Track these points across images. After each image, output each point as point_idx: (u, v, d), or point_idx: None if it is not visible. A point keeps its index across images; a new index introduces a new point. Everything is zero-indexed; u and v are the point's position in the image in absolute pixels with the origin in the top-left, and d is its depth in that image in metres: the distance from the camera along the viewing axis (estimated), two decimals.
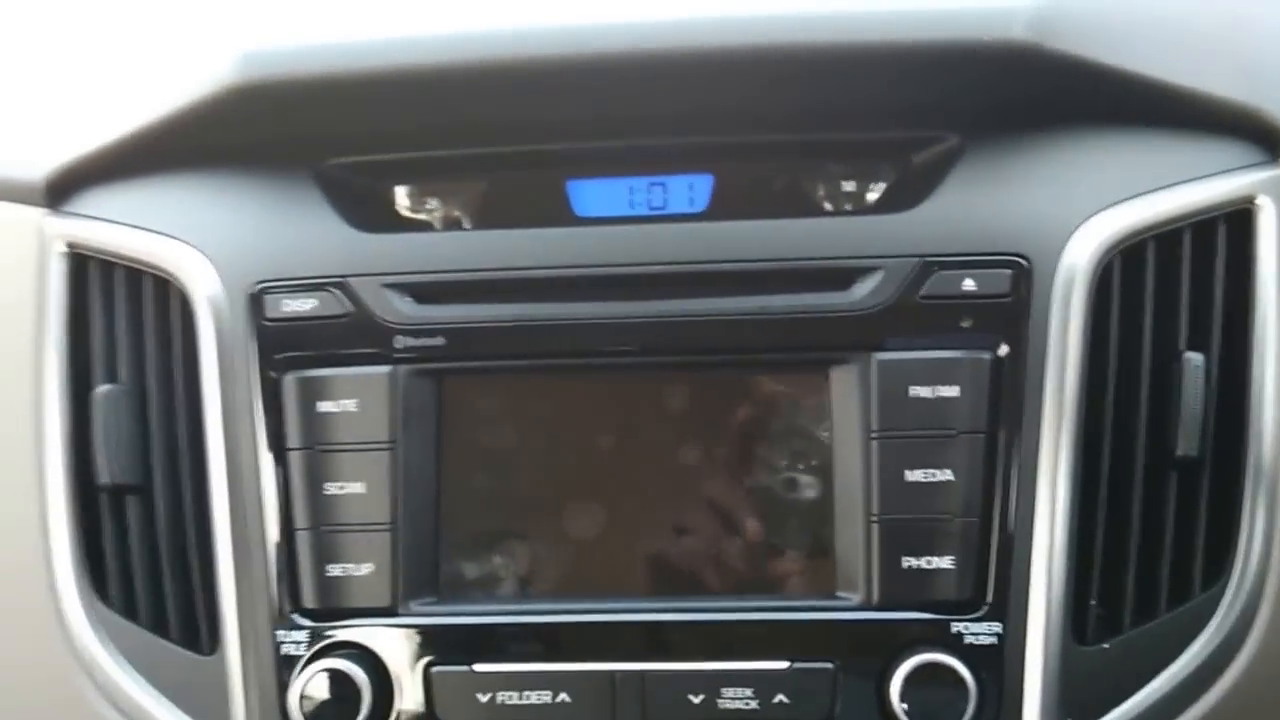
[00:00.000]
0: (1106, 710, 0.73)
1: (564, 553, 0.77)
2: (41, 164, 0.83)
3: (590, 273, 0.77)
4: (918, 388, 0.74)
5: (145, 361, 0.81)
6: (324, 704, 0.74)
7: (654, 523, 0.77)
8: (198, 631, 0.79)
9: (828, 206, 0.81)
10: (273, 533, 0.77)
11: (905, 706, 0.71)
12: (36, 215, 0.83)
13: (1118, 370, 0.76)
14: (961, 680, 0.71)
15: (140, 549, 0.80)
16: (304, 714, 0.74)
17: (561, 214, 0.81)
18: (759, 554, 0.76)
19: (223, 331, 0.78)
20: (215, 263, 0.79)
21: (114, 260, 0.82)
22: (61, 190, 0.84)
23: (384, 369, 0.76)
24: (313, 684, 0.74)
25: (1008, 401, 0.74)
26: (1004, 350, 0.74)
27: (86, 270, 0.82)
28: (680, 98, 0.78)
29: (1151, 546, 0.75)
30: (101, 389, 0.80)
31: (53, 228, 0.82)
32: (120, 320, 0.81)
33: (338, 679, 0.74)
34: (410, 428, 0.76)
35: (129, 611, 0.79)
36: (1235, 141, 0.78)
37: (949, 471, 0.74)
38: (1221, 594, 0.75)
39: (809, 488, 0.76)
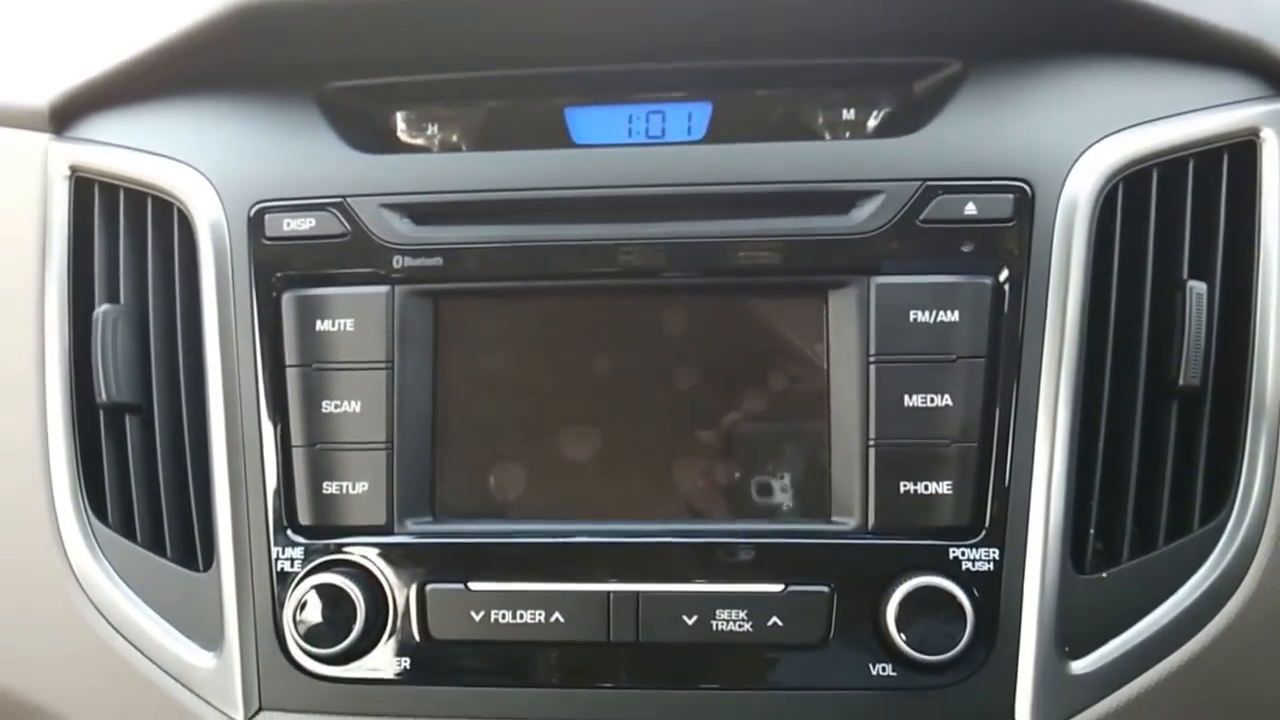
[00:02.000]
0: (1104, 641, 0.73)
1: (559, 475, 0.77)
2: (46, 90, 0.84)
3: (588, 194, 0.76)
4: (917, 312, 0.74)
5: (146, 282, 0.81)
6: (318, 619, 0.74)
7: (650, 446, 0.76)
8: (194, 549, 0.79)
9: (828, 135, 0.80)
10: (270, 450, 0.77)
11: (901, 631, 0.71)
12: (41, 141, 0.84)
13: (1119, 299, 0.75)
14: (958, 605, 0.71)
15: (138, 467, 0.80)
16: (298, 629, 0.74)
17: (560, 141, 0.81)
18: (754, 478, 0.76)
19: (222, 251, 0.78)
20: (216, 184, 0.79)
21: (116, 183, 0.82)
22: (66, 116, 0.84)
23: (381, 289, 0.76)
24: (307, 599, 0.74)
25: (1008, 327, 0.74)
26: (1005, 276, 0.74)
27: (90, 194, 0.83)
28: (680, 23, 0.78)
29: (1151, 477, 0.75)
30: (102, 308, 0.80)
31: (57, 153, 0.83)
32: (122, 242, 0.82)
33: (332, 595, 0.74)
34: (407, 348, 0.76)
35: (126, 530, 0.80)
36: (1240, 75, 0.77)
37: (948, 397, 0.73)
38: (1222, 527, 0.74)
39: (806, 412, 0.75)
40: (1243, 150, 0.76)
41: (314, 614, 0.74)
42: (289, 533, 0.76)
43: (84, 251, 0.82)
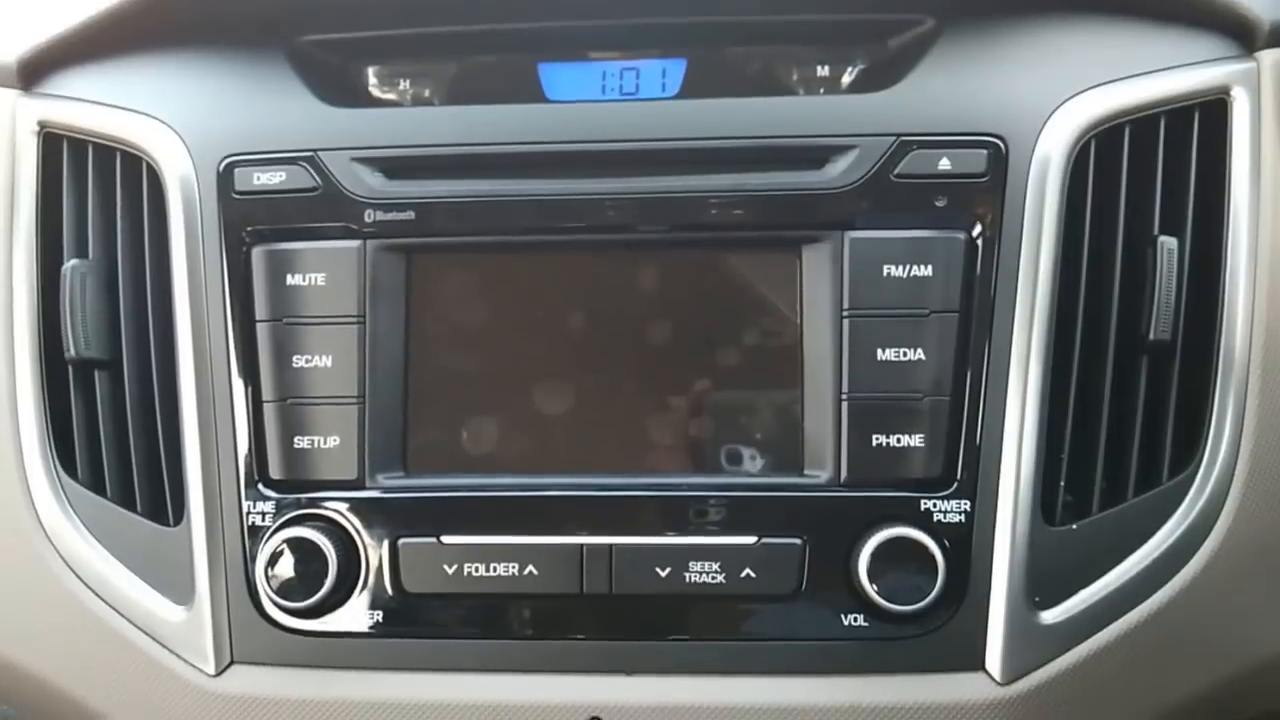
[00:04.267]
0: (1074, 591, 0.73)
1: (532, 429, 0.76)
2: (13, 47, 0.83)
3: (561, 149, 0.76)
4: (891, 267, 0.74)
5: (115, 237, 0.80)
6: (290, 573, 0.74)
7: (623, 400, 0.76)
8: (164, 504, 0.78)
9: (802, 91, 0.80)
10: (240, 405, 0.76)
11: (872, 582, 0.71)
12: (10, 97, 0.83)
13: (1091, 254, 0.75)
14: (929, 556, 0.71)
15: (108, 423, 0.79)
16: (269, 583, 0.74)
17: (533, 97, 0.80)
18: (727, 432, 0.76)
19: (192, 206, 0.78)
20: (185, 138, 0.79)
21: (85, 139, 0.81)
22: (34, 72, 0.83)
23: (352, 244, 0.76)
24: (279, 553, 0.74)
25: (981, 282, 0.74)
26: (978, 231, 0.74)
27: (59, 149, 0.82)
28: None
29: (1121, 431, 0.75)
30: (70, 264, 0.79)
31: (26, 108, 0.82)
32: (91, 197, 0.81)
33: (304, 548, 0.74)
34: (378, 303, 0.76)
35: (96, 485, 0.79)
36: (1212, 34, 0.78)
37: (920, 351, 0.74)
38: (1191, 480, 0.74)
39: (779, 367, 0.75)
40: (1214, 109, 0.76)
41: (285, 568, 0.74)
42: (260, 487, 0.76)
43: (52, 207, 0.81)
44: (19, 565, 0.79)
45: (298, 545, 0.74)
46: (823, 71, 0.80)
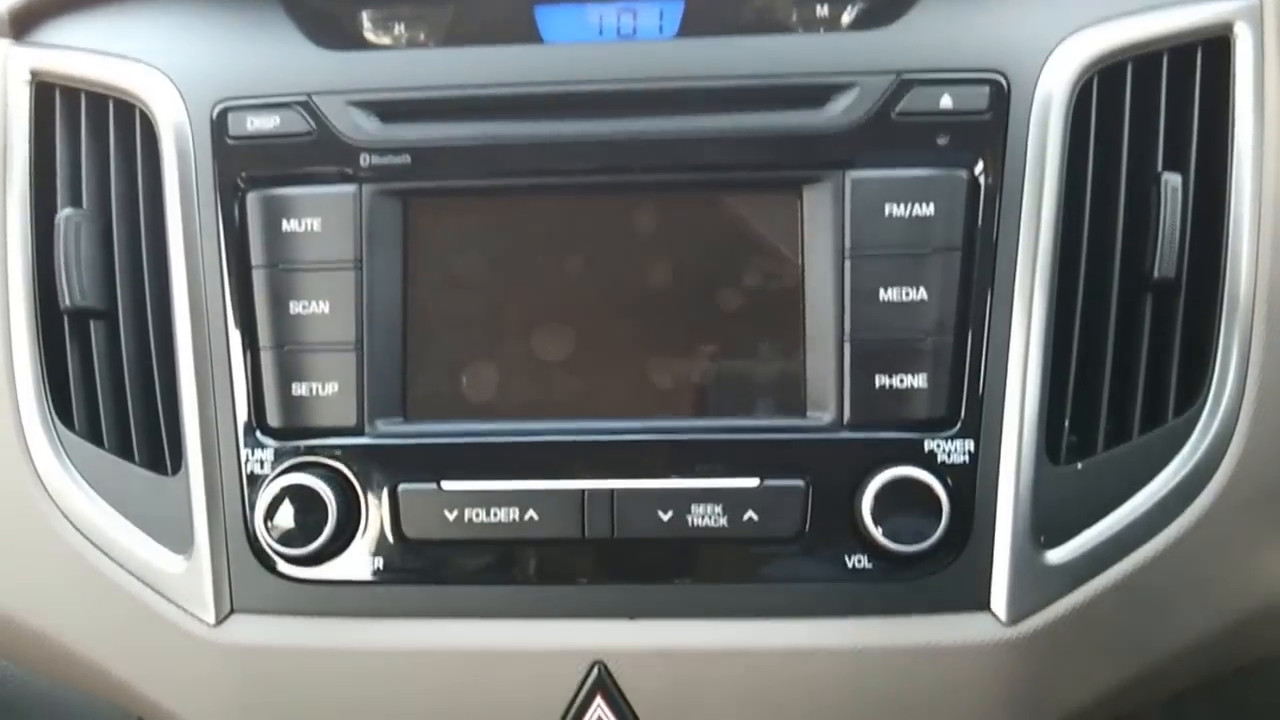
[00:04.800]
0: (1079, 531, 0.73)
1: (532, 375, 0.76)
2: None
3: (558, 90, 0.75)
4: (893, 206, 0.73)
5: (109, 186, 0.79)
6: (289, 521, 0.73)
7: (623, 345, 0.75)
8: (162, 454, 0.78)
9: (801, 30, 0.78)
10: (237, 352, 0.76)
11: (876, 523, 0.71)
12: (1, 46, 0.82)
13: (1094, 192, 0.75)
14: (933, 496, 0.71)
15: (104, 373, 0.79)
16: (269, 531, 0.73)
17: (529, 39, 0.79)
18: (728, 376, 0.75)
19: (185, 152, 0.77)
20: (178, 84, 0.78)
21: (78, 87, 0.80)
22: (25, 21, 0.82)
23: (348, 188, 0.75)
24: (278, 501, 0.73)
25: (984, 220, 0.73)
26: (980, 168, 0.73)
27: (51, 98, 0.81)
28: None
29: (1126, 370, 0.74)
30: (64, 213, 0.78)
31: (17, 58, 0.81)
32: (84, 146, 0.80)
33: (303, 496, 0.73)
34: (375, 248, 0.75)
35: (92, 436, 0.78)
36: None
37: (923, 290, 0.73)
38: (1196, 418, 0.74)
39: (780, 309, 0.75)
40: (1217, 45, 0.75)
41: (285, 515, 0.73)
42: (258, 435, 0.75)
43: (45, 156, 0.80)
44: (15, 517, 0.78)
45: (297, 492, 0.73)
46: (822, 10, 0.79)
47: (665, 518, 0.73)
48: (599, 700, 0.73)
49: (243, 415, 0.75)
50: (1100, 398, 0.74)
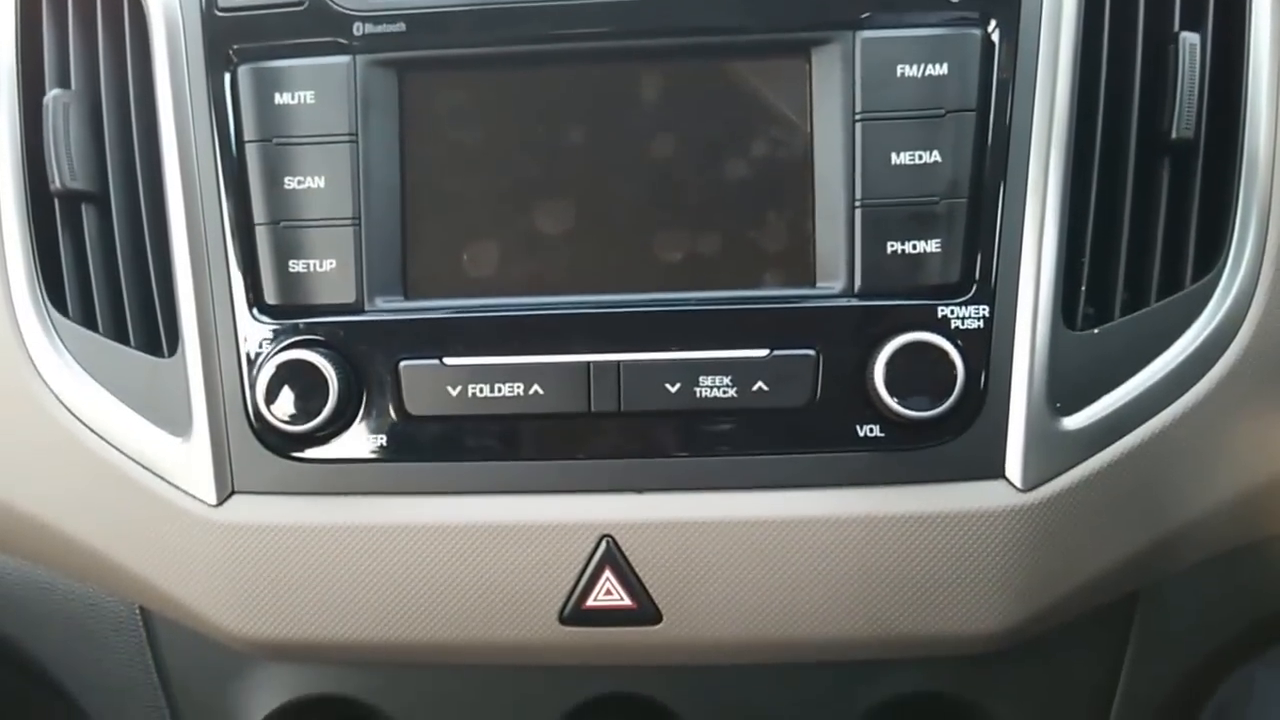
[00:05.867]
0: (1096, 398, 0.71)
1: (535, 249, 0.74)
2: None
3: None
4: (904, 66, 0.70)
5: (97, 65, 0.77)
6: (289, 399, 0.71)
7: (628, 216, 0.73)
8: (158, 335, 0.76)
9: None
10: (232, 229, 0.74)
11: (888, 389, 0.69)
12: None
13: (1111, 51, 0.72)
14: (947, 361, 0.69)
15: (97, 256, 0.77)
16: (268, 409, 0.72)
17: None
18: (736, 246, 0.73)
19: (174, 26, 0.74)
20: None
21: None
22: None
23: (342, 59, 0.73)
24: (277, 379, 0.72)
25: (998, 80, 0.71)
26: (994, 26, 0.71)
27: None
28: None
29: (1143, 234, 0.73)
30: (53, 93, 0.76)
31: None
32: (71, 25, 0.78)
33: (303, 373, 0.71)
34: (371, 121, 0.73)
35: (86, 320, 0.77)
36: None
37: (936, 153, 0.71)
38: (1215, 283, 0.72)
39: (789, 177, 0.72)
40: None
41: (284, 393, 0.72)
42: (255, 313, 0.73)
43: (32, 37, 0.78)
44: (10, 403, 0.77)
45: (296, 369, 0.71)
46: None
47: (673, 390, 0.71)
48: (608, 574, 0.72)
49: (239, 293, 0.74)
50: (1117, 263, 0.72)
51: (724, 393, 0.71)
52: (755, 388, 0.71)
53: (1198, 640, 0.81)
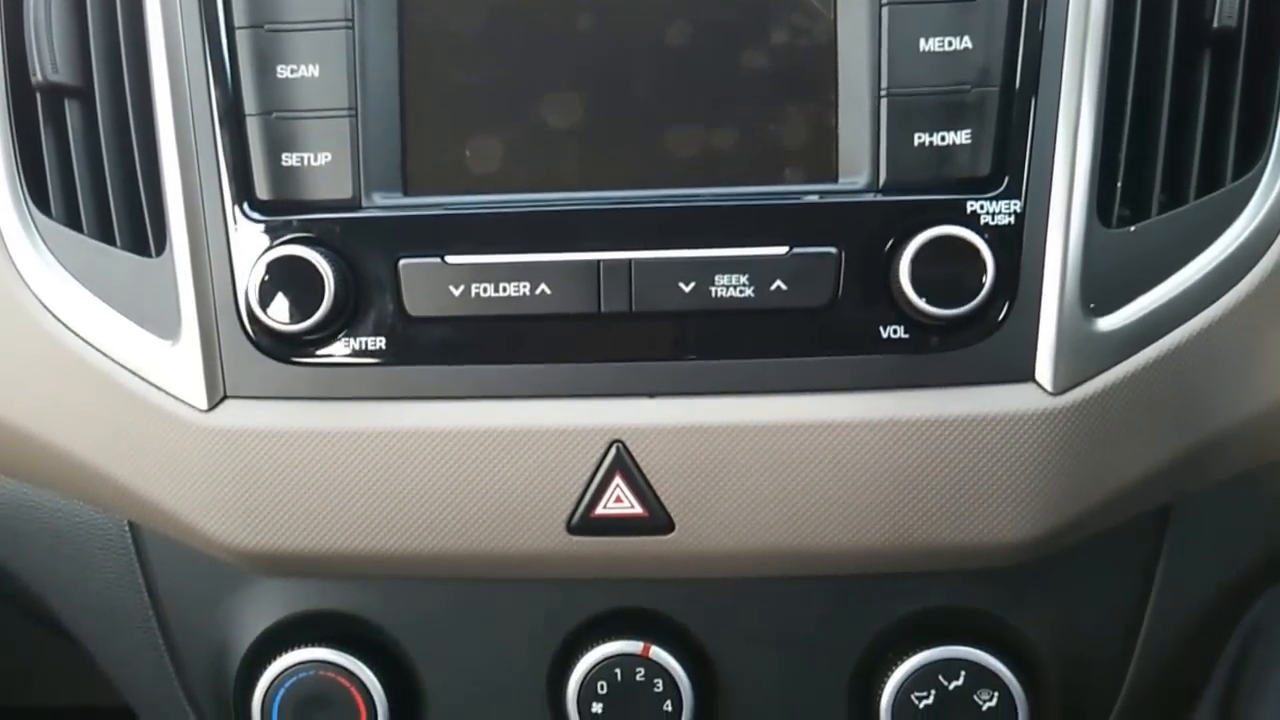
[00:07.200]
0: (1131, 298, 0.68)
1: (543, 144, 0.70)
2: None
3: None
4: None
5: None
6: (283, 298, 0.68)
7: (641, 109, 0.69)
8: (145, 235, 0.72)
9: None
10: (220, 120, 0.70)
11: (914, 287, 0.65)
12: None
13: None
14: (977, 255, 0.65)
15: (81, 154, 0.73)
16: (260, 308, 0.68)
17: None
18: (754, 140, 0.69)
19: None
20: None
21: None
22: None
23: None
24: (269, 277, 0.68)
25: None
26: None
27: None
28: None
29: (1182, 128, 0.69)
30: None
31: None
32: None
33: (297, 271, 0.68)
34: (369, 5, 0.69)
35: (71, 220, 0.73)
36: None
37: (967, 38, 0.67)
38: (1256, 181, 0.68)
39: (810, 66, 0.69)
40: None
41: (278, 293, 0.68)
42: (246, 208, 0.70)
43: None
44: None
45: (290, 267, 0.68)
46: None
47: (687, 289, 0.68)
48: (618, 480, 0.69)
49: (229, 188, 0.70)
50: (1155, 158, 0.68)
51: (740, 292, 0.68)
52: (774, 287, 0.68)
53: (1231, 559, 0.78)
